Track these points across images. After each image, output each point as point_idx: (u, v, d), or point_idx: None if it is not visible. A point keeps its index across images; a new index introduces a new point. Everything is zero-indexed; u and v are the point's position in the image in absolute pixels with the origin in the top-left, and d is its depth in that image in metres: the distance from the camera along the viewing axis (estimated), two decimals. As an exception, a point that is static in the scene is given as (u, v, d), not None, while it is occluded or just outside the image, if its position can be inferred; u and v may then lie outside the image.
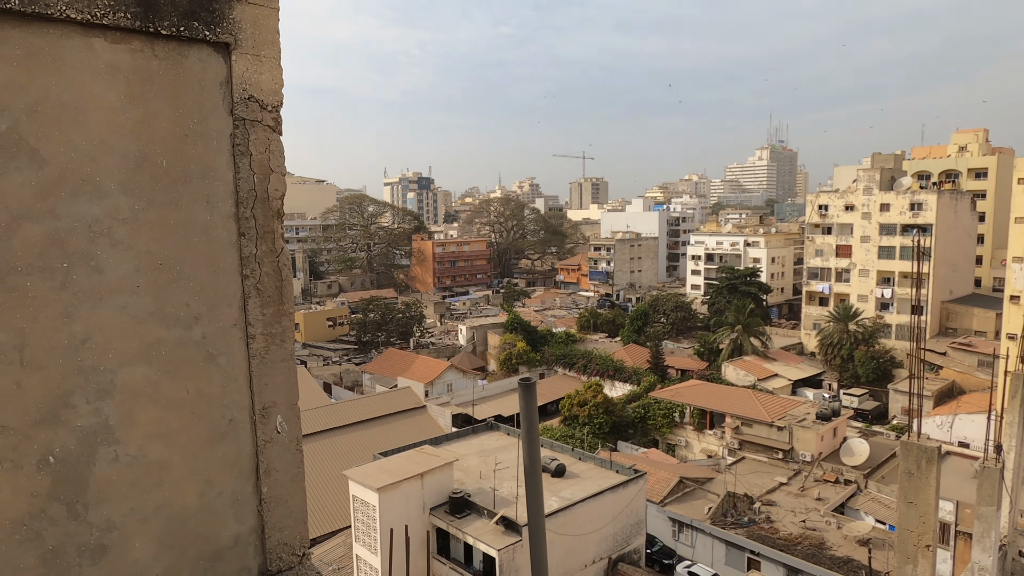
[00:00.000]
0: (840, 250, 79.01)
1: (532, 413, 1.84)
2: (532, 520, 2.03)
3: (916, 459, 7.60)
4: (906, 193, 74.44)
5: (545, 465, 30.33)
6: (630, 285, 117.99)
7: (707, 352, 71.15)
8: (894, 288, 74.48)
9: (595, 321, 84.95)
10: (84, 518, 2.27)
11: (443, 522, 26.46)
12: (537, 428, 1.84)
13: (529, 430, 1.82)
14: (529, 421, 1.83)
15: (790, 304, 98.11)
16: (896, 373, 64.71)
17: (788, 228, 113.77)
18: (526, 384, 2.00)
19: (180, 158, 2.42)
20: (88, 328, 2.24)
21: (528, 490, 2.07)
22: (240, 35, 2.51)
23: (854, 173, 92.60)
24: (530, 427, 1.81)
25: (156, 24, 2.30)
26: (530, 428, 1.81)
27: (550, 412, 60.76)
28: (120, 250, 2.29)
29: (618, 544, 28.98)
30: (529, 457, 1.87)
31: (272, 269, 2.67)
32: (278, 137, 2.66)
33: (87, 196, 2.22)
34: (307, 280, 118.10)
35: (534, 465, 1.88)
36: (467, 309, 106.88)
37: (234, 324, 2.58)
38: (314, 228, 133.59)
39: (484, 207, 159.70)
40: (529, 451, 1.85)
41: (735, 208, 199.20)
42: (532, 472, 1.91)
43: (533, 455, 1.87)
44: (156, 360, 2.39)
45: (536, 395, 1.95)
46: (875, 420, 58.25)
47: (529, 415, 1.83)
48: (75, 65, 2.18)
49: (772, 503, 39.45)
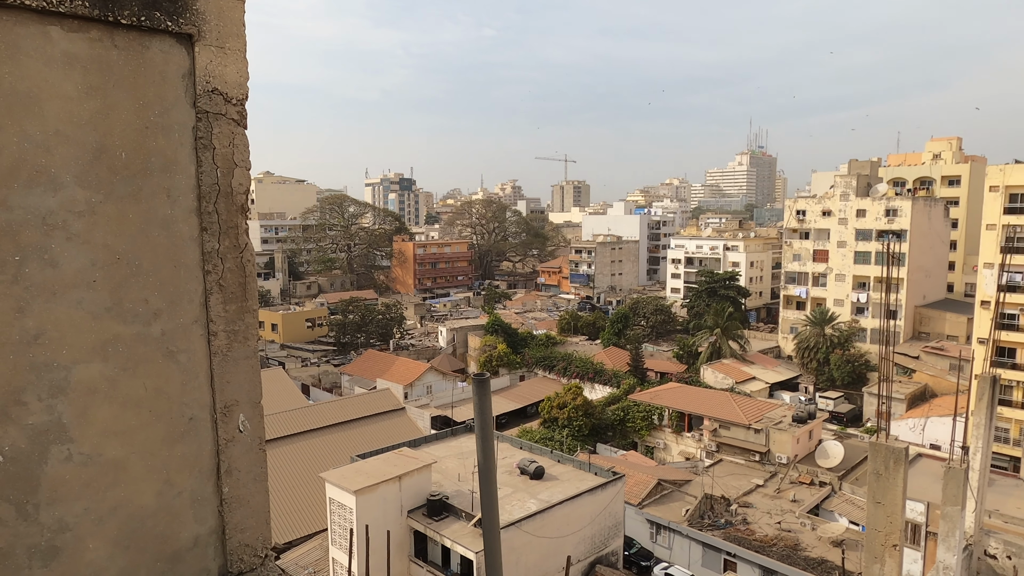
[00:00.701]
0: (817, 255, 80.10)
1: (486, 408, 1.82)
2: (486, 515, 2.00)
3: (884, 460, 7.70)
4: (882, 199, 75.70)
5: (524, 468, 30.32)
6: (611, 288, 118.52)
7: (686, 355, 71.67)
8: (869, 293, 75.65)
9: (576, 324, 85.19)
10: (35, 518, 2.21)
11: (421, 525, 26.33)
12: (491, 424, 1.82)
13: (483, 426, 1.79)
14: (483, 416, 1.80)
15: (768, 308, 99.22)
16: (870, 376, 65.69)
17: (767, 233, 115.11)
18: (480, 379, 1.98)
19: (140, 150, 2.37)
20: (41, 323, 2.18)
21: (482, 487, 2.05)
22: (204, 26, 2.46)
23: (831, 179, 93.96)
24: (483, 423, 1.79)
25: (116, 13, 2.25)
26: (483, 424, 1.79)
27: (530, 414, 60.77)
28: (76, 244, 2.24)
29: (596, 546, 29.05)
30: (483, 454, 1.85)
31: (235, 265, 2.62)
32: (243, 131, 2.62)
33: (41, 188, 2.16)
34: (286, 280, 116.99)
35: (488, 462, 1.86)
36: (448, 311, 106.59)
37: (195, 321, 2.53)
38: (294, 228, 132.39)
39: (466, 209, 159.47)
40: (483, 448, 1.83)
41: (715, 212, 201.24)
42: (486, 469, 1.89)
43: (487, 451, 1.85)
44: (113, 357, 2.34)
45: (490, 390, 1.93)
46: (850, 423, 59.09)
47: (483, 410, 1.81)
48: (30, 53, 2.12)
49: (748, 505, 39.82)
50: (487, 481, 1.96)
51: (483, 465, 1.84)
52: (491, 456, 1.81)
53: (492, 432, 1.81)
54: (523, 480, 29.75)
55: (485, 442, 1.76)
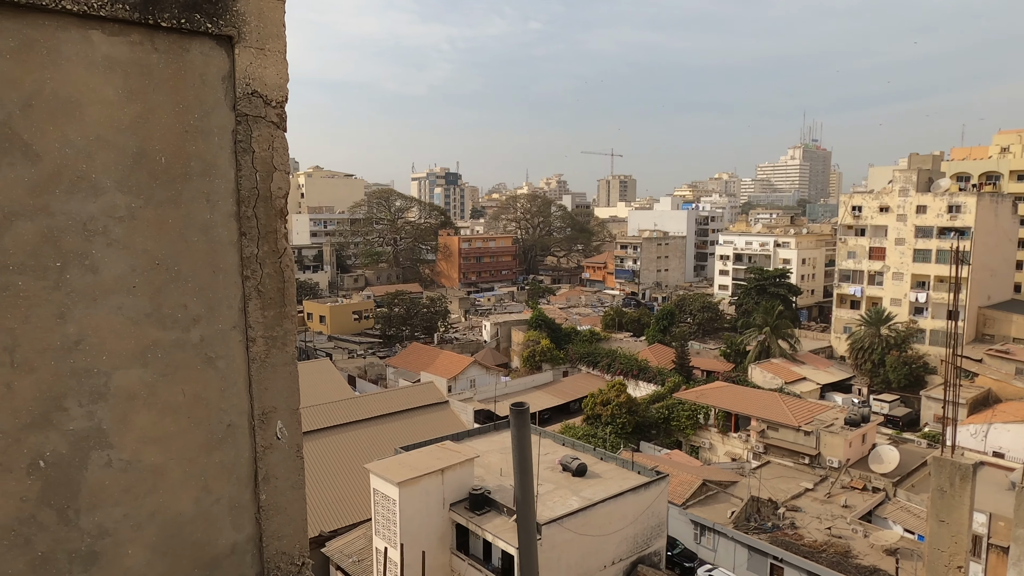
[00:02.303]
0: (873, 252, 77.24)
1: (524, 439, 1.72)
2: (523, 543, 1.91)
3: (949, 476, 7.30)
4: (944, 195, 72.46)
5: (566, 464, 30.17)
6: (656, 284, 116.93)
7: (733, 354, 70.16)
8: (929, 292, 72.61)
9: (620, 320, 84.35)
10: (75, 524, 2.21)
11: (463, 518, 26.48)
12: (530, 456, 1.73)
13: (522, 459, 1.69)
14: (521, 449, 1.70)
15: (820, 307, 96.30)
16: (929, 379, 63.11)
17: (820, 229, 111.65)
18: (518, 410, 1.88)
19: (180, 155, 2.34)
20: (82, 329, 2.18)
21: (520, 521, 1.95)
22: (244, 28, 2.42)
23: (890, 174, 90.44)
24: (522, 456, 1.69)
25: (156, 16, 2.22)
26: (522, 457, 1.69)
27: (572, 411, 60.48)
28: (116, 249, 2.22)
29: (638, 546, 28.71)
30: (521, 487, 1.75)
31: (274, 270, 2.58)
32: (282, 134, 2.57)
33: (82, 193, 2.15)
34: (334, 273, 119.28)
35: (526, 495, 1.76)
36: (492, 305, 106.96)
37: (233, 326, 2.50)
38: (342, 222, 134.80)
39: (511, 203, 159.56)
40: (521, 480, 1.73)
41: (766, 208, 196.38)
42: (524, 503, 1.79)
43: (526, 484, 1.75)
44: (152, 363, 2.32)
45: (529, 422, 1.83)
46: (906, 427, 56.90)
47: (521, 441, 1.71)
48: (71, 58, 2.11)
49: (797, 509, 38.77)
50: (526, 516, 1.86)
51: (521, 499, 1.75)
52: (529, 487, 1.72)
53: (531, 464, 1.72)
54: (565, 477, 29.60)
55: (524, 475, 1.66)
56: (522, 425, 1.75)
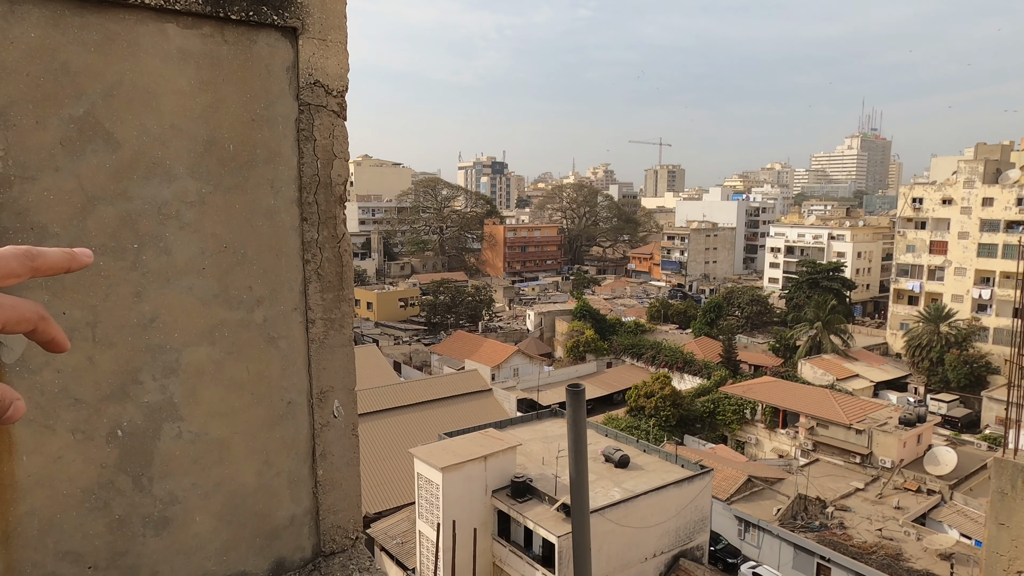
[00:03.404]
0: (934, 246, 74.23)
1: (580, 420, 1.75)
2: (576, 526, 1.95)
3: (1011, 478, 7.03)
4: (1013, 187, 68.98)
5: (609, 455, 30.11)
6: (704, 276, 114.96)
7: (783, 348, 68.58)
8: (994, 289, 69.41)
9: (666, 312, 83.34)
10: (149, 491, 2.35)
11: (504, 505, 26.74)
12: (585, 437, 1.75)
13: (576, 439, 1.73)
14: (576, 430, 1.73)
15: (875, 302, 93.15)
16: (992, 380, 60.44)
17: (877, 222, 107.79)
18: (575, 391, 1.91)
19: (247, 143, 2.44)
20: (156, 308, 2.30)
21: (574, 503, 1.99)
22: (307, 19, 2.50)
23: (954, 165, 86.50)
24: (577, 436, 1.72)
25: (226, 9, 2.32)
26: (577, 437, 1.72)
27: (616, 402, 60.20)
28: (187, 232, 2.34)
29: (681, 539, 28.51)
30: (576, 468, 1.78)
31: (333, 255, 2.67)
32: (342, 123, 2.65)
33: (158, 179, 2.27)
34: (381, 261, 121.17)
35: (581, 476, 1.79)
36: (536, 295, 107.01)
37: (295, 308, 2.60)
38: (389, 210, 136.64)
39: (556, 193, 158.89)
40: (576, 462, 1.76)
41: (820, 199, 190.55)
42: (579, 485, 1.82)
43: (580, 466, 1.78)
44: (219, 341, 2.44)
45: (585, 403, 1.85)
46: (965, 428, 54.71)
47: (576, 423, 1.74)
48: (149, 50, 2.22)
49: (846, 509, 37.80)
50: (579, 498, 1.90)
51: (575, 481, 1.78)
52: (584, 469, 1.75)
53: (585, 446, 1.75)
54: (607, 468, 29.56)
55: (578, 455, 1.70)
56: (578, 406, 1.77)
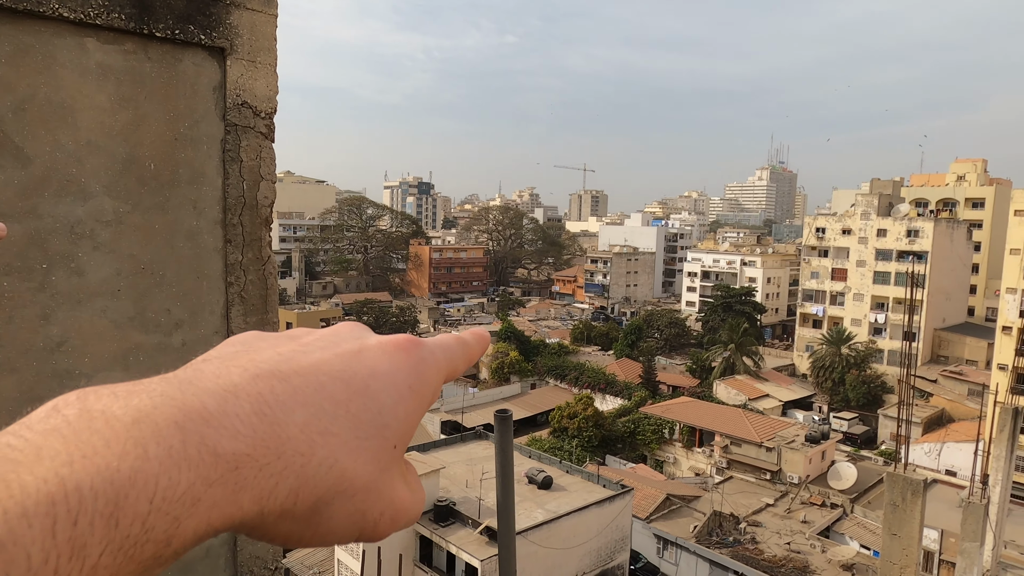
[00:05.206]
0: (836, 273, 79.31)
1: (507, 446, 1.78)
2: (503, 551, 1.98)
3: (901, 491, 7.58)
4: (903, 220, 74.86)
5: (532, 477, 30.21)
6: (625, 299, 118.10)
7: (699, 369, 71.15)
8: (888, 314, 74.74)
9: (589, 333, 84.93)
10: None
11: (427, 530, 26.30)
12: (512, 463, 1.79)
13: (504, 465, 1.75)
14: (504, 456, 1.76)
15: (784, 325, 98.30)
16: (886, 398, 64.79)
17: (785, 249, 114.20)
18: (502, 416, 1.95)
19: (169, 162, 2.39)
20: (65, 331, 2.20)
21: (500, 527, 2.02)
22: (236, 41, 2.49)
23: (852, 197, 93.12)
24: (505, 462, 1.75)
25: (151, 26, 2.27)
26: (505, 463, 1.75)
27: (540, 423, 60.57)
28: (102, 253, 2.26)
29: (602, 559, 28.84)
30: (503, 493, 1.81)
31: (257, 277, 2.63)
32: (270, 144, 2.63)
33: (71, 197, 2.19)
34: (302, 280, 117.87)
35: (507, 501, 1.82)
36: (462, 316, 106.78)
37: (216, 332, 2.54)
38: (312, 228, 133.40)
39: (483, 214, 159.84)
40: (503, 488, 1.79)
41: (733, 227, 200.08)
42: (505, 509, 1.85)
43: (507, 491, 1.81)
44: (134, 366, 2.35)
45: (512, 428, 1.89)
46: (864, 444, 58.27)
47: (504, 448, 1.77)
48: (65, 64, 2.15)
49: (758, 524, 39.35)
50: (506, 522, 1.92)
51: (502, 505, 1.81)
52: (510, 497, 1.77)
53: (512, 472, 1.78)
54: (531, 489, 29.64)
55: (506, 482, 1.73)
56: (505, 431, 1.80)
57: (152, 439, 0.38)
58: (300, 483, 0.44)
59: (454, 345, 0.60)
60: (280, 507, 0.43)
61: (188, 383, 0.43)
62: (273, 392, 0.45)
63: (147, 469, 0.37)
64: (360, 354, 0.51)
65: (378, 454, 0.48)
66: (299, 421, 0.45)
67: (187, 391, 0.42)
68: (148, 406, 0.40)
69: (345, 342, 0.52)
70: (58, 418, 0.39)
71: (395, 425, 0.50)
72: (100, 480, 0.36)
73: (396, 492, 0.50)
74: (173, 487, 0.38)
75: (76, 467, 0.35)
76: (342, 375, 0.49)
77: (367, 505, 0.48)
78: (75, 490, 0.35)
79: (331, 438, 0.46)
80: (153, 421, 0.39)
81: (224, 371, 0.45)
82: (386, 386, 0.50)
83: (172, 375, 0.44)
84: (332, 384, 0.48)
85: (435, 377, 0.55)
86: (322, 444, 0.45)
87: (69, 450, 0.36)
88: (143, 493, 0.36)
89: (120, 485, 0.36)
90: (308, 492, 0.44)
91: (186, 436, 0.39)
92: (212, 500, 0.40)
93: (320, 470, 0.45)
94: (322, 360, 0.49)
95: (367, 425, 0.48)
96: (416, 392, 0.52)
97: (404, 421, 0.51)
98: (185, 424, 0.40)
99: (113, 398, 0.40)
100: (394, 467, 0.50)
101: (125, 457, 0.37)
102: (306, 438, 0.45)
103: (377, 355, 0.51)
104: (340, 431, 0.47)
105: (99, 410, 0.39)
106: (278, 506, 0.43)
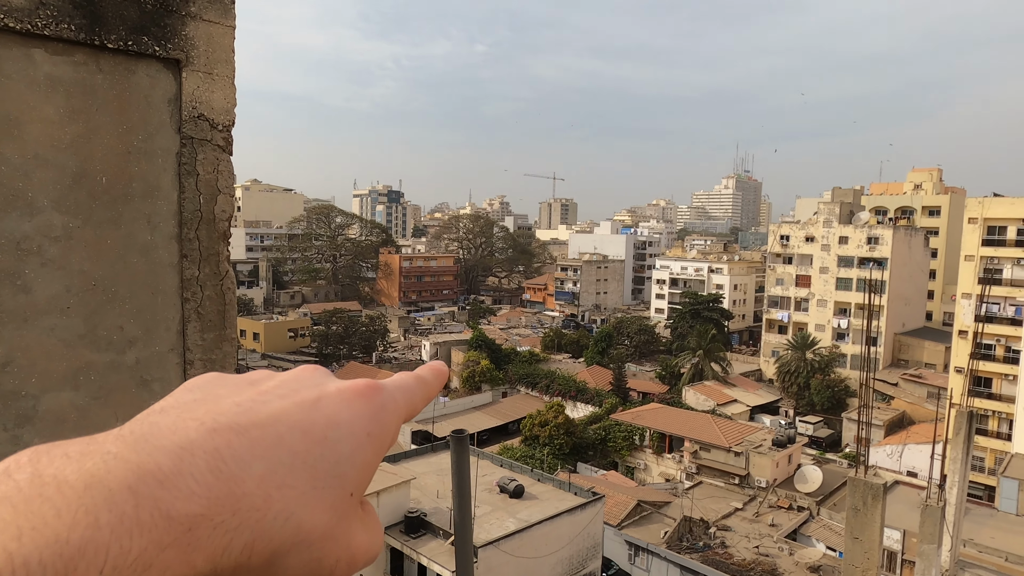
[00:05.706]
0: (800, 280, 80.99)
1: (464, 466, 1.76)
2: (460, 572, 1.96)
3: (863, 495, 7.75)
4: (864, 227, 76.86)
5: (503, 486, 30.13)
6: (595, 306, 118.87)
7: (669, 376, 71.88)
8: (850, 319, 76.52)
9: (559, 341, 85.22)
10: None
11: (397, 542, 26.01)
12: (470, 483, 1.78)
13: (461, 486, 1.73)
14: (461, 476, 1.74)
15: (751, 331, 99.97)
16: (850, 402, 66.21)
17: (751, 256, 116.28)
18: (458, 437, 1.93)
19: (122, 175, 2.33)
20: (10, 350, 2.12)
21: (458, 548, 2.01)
22: (192, 52, 2.44)
23: (815, 205, 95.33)
24: (462, 483, 1.73)
25: (102, 37, 2.22)
26: (462, 484, 1.73)
27: (511, 431, 60.47)
28: (50, 269, 2.19)
29: (574, 567, 28.84)
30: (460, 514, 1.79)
31: (215, 293, 2.58)
32: (228, 157, 2.58)
33: (17, 212, 2.11)
34: (270, 289, 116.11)
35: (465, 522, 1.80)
36: (432, 325, 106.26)
37: (171, 349, 2.47)
38: (280, 237, 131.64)
39: (453, 223, 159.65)
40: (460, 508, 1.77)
41: (701, 235, 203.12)
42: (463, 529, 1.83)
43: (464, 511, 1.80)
44: (85, 385, 2.28)
45: (469, 449, 1.88)
46: (829, 448, 59.45)
47: (461, 468, 1.75)
48: (11, 75, 2.09)
49: (727, 528, 39.80)
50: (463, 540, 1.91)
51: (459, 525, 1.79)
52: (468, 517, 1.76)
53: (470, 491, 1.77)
54: (502, 499, 29.54)
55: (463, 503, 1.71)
56: (462, 451, 1.78)
57: (104, 506, 0.38)
58: (255, 537, 0.44)
59: (414, 385, 0.61)
60: (235, 562, 0.43)
61: (143, 440, 0.42)
62: (230, 447, 0.44)
63: (98, 538, 0.37)
64: (319, 402, 0.50)
65: (335, 503, 0.48)
66: (256, 475, 0.44)
67: (142, 450, 0.41)
68: (102, 470, 0.39)
69: (305, 389, 0.52)
70: (9, 484, 0.38)
71: (353, 474, 0.50)
72: (49, 553, 0.35)
73: (353, 538, 0.50)
74: (124, 555, 0.37)
75: (25, 540, 0.35)
76: (300, 425, 0.48)
77: (323, 553, 0.47)
78: (23, 565, 0.34)
79: (288, 491, 0.45)
80: (106, 486, 0.38)
81: (181, 425, 0.44)
82: (344, 435, 0.50)
83: (128, 430, 0.43)
84: (290, 435, 0.47)
85: (394, 422, 0.56)
86: (279, 497, 0.45)
87: (19, 522, 0.36)
88: (93, 563, 0.36)
89: (69, 557, 0.36)
90: (263, 546, 0.44)
91: (139, 500, 0.39)
92: (165, 564, 0.39)
93: (276, 523, 0.44)
94: (281, 410, 0.49)
95: (325, 475, 0.48)
96: (375, 438, 0.52)
97: (362, 469, 0.50)
98: (139, 488, 0.39)
99: (66, 460, 0.39)
100: (351, 513, 0.50)
101: (75, 527, 0.36)
102: (263, 492, 0.44)
103: (336, 403, 0.51)
104: (297, 483, 0.46)
105: (51, 475, 0.38)
106: (232, 561, 0.43)
